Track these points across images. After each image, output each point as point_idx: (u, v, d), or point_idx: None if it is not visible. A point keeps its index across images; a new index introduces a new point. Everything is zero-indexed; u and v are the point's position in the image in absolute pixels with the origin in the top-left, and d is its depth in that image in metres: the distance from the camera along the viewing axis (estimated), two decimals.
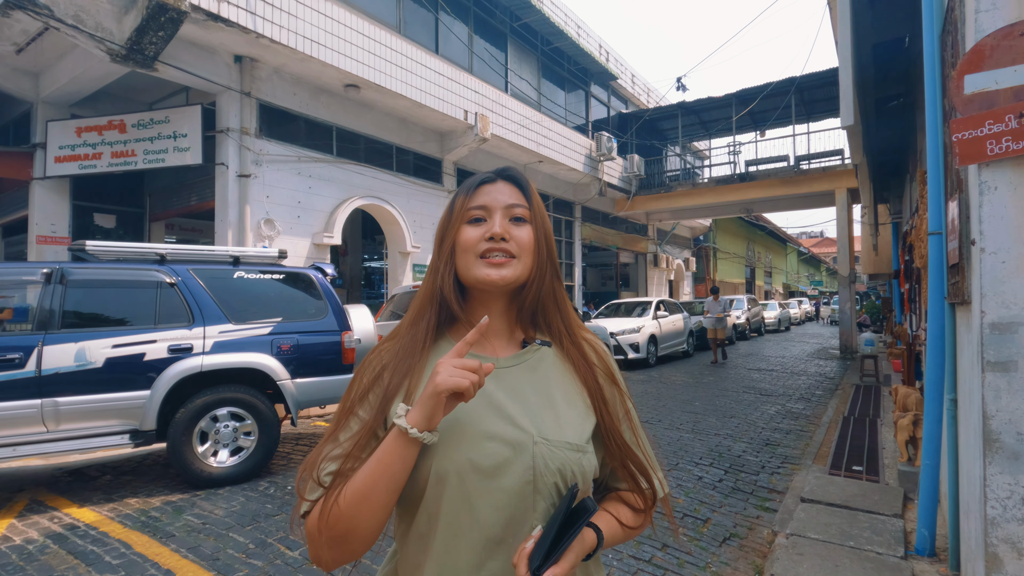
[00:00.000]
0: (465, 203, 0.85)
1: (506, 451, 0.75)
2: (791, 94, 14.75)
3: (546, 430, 0.78)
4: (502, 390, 0.81)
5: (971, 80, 2.09)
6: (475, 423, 0.77)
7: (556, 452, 0.77)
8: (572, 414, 0.82)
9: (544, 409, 0.81)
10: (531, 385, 0.83)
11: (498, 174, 0.89)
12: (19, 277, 3.99)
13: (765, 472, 4.46)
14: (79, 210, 8.83)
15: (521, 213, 0.85)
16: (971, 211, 2.18)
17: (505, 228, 0.82)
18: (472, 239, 0.82)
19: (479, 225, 0.83)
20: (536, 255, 0.84)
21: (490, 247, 0.81)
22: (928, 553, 2.83)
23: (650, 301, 12.42)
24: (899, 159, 8.84)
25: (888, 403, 6.85)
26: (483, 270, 0.81)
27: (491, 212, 0.84)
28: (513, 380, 0.83)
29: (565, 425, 0.80)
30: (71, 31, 6.17)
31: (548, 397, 0.82)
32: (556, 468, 0.76)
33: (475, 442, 0.76)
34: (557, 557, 0.67)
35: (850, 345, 13.42)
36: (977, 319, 2.06)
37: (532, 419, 0.79)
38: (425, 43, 10.08)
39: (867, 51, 5.84)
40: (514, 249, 0.82)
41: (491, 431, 0.76)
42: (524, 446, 0.76)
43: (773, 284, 38.47)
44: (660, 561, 2.94)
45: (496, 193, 0.85)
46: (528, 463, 0.75)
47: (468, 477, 0.74)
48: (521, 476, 0.75)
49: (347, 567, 0.81)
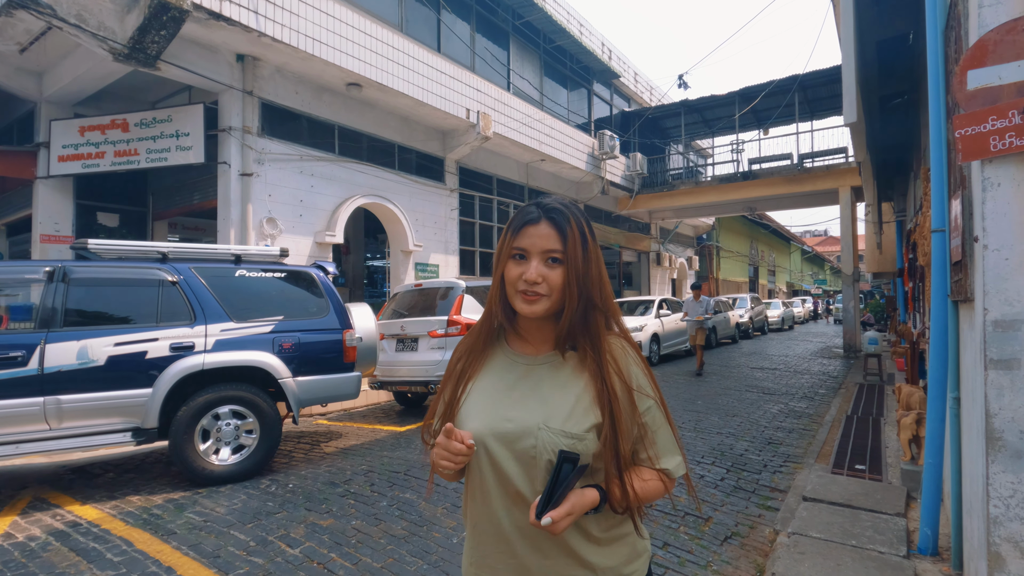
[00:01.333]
0: (511, 241, 1.03)
1: (516, 429, 0.99)
2: (794, 92, 14.69)
3: (551, 419, 0.99)
4: (528, 381, 1.06)
5: (974, 75, 2.08)
6: (498, 406, 1.04)
7: (554, 438, 0.97)
8: (578, 410, 1.00)
9: (556, 402, 1.02)
10: (552, 381, 1.05)
11: (543, 212, 1.03)
12: (22, 276, 4.01)
13: (767, 471, 4.45)
14: (83, 209, 8.85)
15: (557, 256, 1.01)
16: (974, 208, 2.16)
17: (539, 273, 1.00)
18: (513, 277, 1.02)
19: (520, 263, 1.02)
20: (565, 291, 1.01)
21: (525, 288, 1.00)
22: (931, 552, 2.81)
23: (652, 300, 12.39)
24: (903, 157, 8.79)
25: (891, 402, 6.81)
26: (520, 305, 1.02)
27: (529, 256, 1.01)
28: (539, 375, 1.06)
29: (569, 417, 1.00)
30: (74, 30, 6.18)
31: (563, 393, 1.03)
32: (552, 449, 0.97)
33: (497, 421, 1.01)
34: (556, 503, 0.90)
35: (854, 344, 13.37)
36: (980, 317, 2.05)
37: (543, 408, 1.01)
38: (427, 41, 10.07)
39: (871, 48, 5.81)
40: (544, 290, 1.00)
41: (508, 415, 1.02)
42: (530, 428, 0.99)
43: (777, 283, 38.36)
44: (661, 559, 2.93)
45: (536, 237, 1.01)
46: (532, 442, 0.98)
47: (492, 445, 1.00)
48: (528, 450, 0.98)
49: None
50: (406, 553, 3.01)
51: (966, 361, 2.49)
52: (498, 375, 1.09)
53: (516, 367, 1.09)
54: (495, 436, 1.00)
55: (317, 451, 5.20)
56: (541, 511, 0.89)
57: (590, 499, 0.96)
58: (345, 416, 7.04)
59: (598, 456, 0.99)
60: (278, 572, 2.82)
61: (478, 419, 1.03)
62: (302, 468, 4.63)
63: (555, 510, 0.89)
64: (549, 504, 0.90)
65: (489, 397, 1.05)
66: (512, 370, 1.08)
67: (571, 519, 0.91)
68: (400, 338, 6.83)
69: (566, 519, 0.90)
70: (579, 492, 0.95)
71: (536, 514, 0.89)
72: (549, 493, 0.90)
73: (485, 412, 1.03)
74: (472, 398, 1.06)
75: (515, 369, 1.08)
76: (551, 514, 0.89)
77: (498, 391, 1.06)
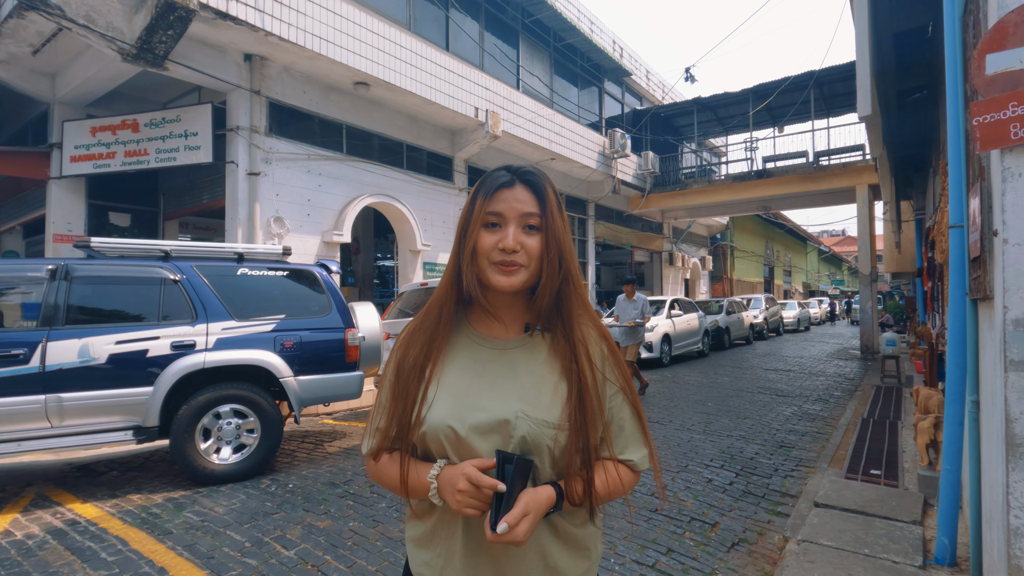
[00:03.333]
0: (484, 206, 0.93)
1: (490, 419, 0.91)
2: (810, 88, 14.42)
3: (528, 407, 0.92)
4: (502, 367, 0.96)
5: (993, 59, 1.96)
6: (467, 394, 0.93)
7: (533, 427, 0.90)
8: (558, 398, 0.93)
9: (532, 388, 0.94)
10: (527, 366, 0.96)
11: (516, 175, 0.95)
12: (24, 273, 4.02)
13: (778, 475, 4.32)
14: (95, 209, 8.95)
15: (534, 222, 0.93)
16: (993, 200, 2.04)
17: (517, 240, 0.91)
18: (487, 246, 0.92)
19: (494, 231, 0.93)
20: (543, 261, 0.93)
21: (503, 258, 0.91)
22: (948, 563, 2.68)
23: (664, 300, 12.24)
24: (923, 153, 8.56)
25: (909, 405, 6.62)
26: (496, 277, 0.92)
27: (506, 221, 0.92)
28: (512, 359, 0.97)
29: (546, 404, 0.92)
30: (83, 31, 6.23)
31: (539, 378, 0.95)
32: (524, 435, 0.90)
33: (466, 411, 0.92)
34: (508, 507, 0.82)
35: (871, 345, 13.08)
36: (1000, 315, 1.93)
37: (519, 396, 0.93)
38: (435, 40, 10.04)
39: (888, 40, 5.63)
40: (523, 260, 0.92)
41: (479, 403, 0.92)
42: (505, 417, 0.91)
43: (793, 283, 37.81)
44: (664, 566, 2.83)
45: (512, 201, 0.93)
46: (508, 431, 0.90)
47: (469, 435, 0.91)
48: (503, 439, 0.90)
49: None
50: (401, 556, 2.95)
51: (985, 362, 2.37)
52: (463, 362, 0.98)
53: (482, 351, 0.99)
54: (471, 428, 0.91)
55: (320, 451, 5.17)
56: (495, 521, 0.82)
57: (545, 497, 0.88)
58: (351, 416, 7.01)
59: (564, 451, 0.92)
60: (271, 574, 2.77)
61: (443, 408, 0.92)
62: (303, 468, 4.59)
63: (508, 514, 0.82)
64: (500, 511, 0.82)
65: (459, 389, 0.95)
66: (478, 354, 0.99)
67: (530, 521, 0.83)
68: None
69: (524, 521, 0.82)
70: (532, 491, 0.87)
71: (491, 526, 0.82)
72: (498, 500, 0.83)
73: (451, 401, 0.93)
74: (440, 396, 0.94)
75: (481, 353, 0.99)
76: (505, 519, 0.81)
77: (465, 378, 0.95)
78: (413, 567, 1.01)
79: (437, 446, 0.93)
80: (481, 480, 0.84)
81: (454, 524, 0.95)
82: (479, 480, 0.84)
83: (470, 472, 0.85)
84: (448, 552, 0.96)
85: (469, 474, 0.85)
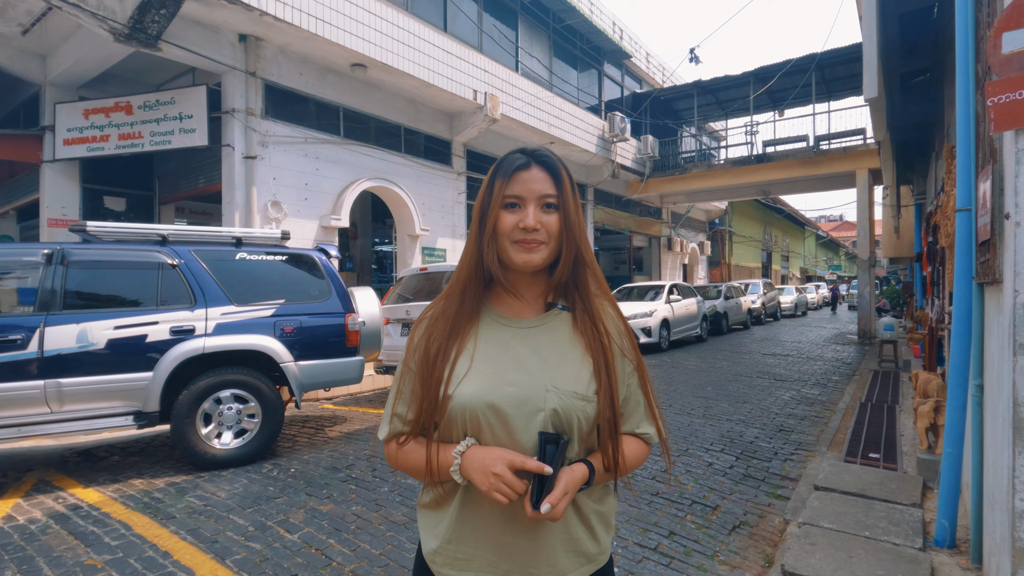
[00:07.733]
0: (502, 188, 0.96)
1: (520, 393, 0.92)
2: (811, 71, 14.27)
3: (557, 380, 0.94)
4: (526, 346, 0.98)
5: (1010, 38, 1.92)
6: (501, 372, 0.95)
7: (564, 399, 0.93)
8: (584, 372, 0.96)
9: (558, 363, 0.96)
10: (550, 342, 0.99)
11: (532, 157, 0.98)
12: (20, 258, 3.97)
13: (778, 459, 4.34)
14: (89, 193, 8.84)
15: (551, 201, 0.96)
16: (1005, 182, 2.01)
17: (537, 219, 0.94)
18: (508, 226, 0.95)
19: (514, 212, 0.95)
20: (561, 237, 0.96)
21: (524, 237, 0.94)
22: (948, 545, 2.70)
23: (663, 285, 12.23)
24: (924, 137, 8.50)
25: (907, 389, 6.65)
26: (518, 255, 0.95)
27: (525, 202, 0.95)
28: (535, 338, 0.99)
29: (575, 377, 0.95)
30: (73, 10, 6.09)
31: (563, 354, 0.98)
32: (555, 408, 0.92)
33: (496, 385, 0.93)
34: (549, 487, 0.85)
35: (868, 330, 13.13)
36: (1009, 299, 1.91)
37: (546, 370, 0.95)
38: (433, 21, 9.87)
39: (893, 21, 5.54)
40: (543, 237, 0.95)
41: (508, 378, 0.94)
42: (536, 392, 0.93)
43: (790, 268, 37.84)
44: (666, 549, 2.85)
45: (531, 182, 0.95)
46: (539, 404, 0.92)
47: (502, 409, 0.92)
48: (535, 413, 0.92)
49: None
50: (405, 540, 2.96)
51: (992, 347, 2.36)
52: (487, 341, 0.99)
53: (505, 330, 1.01)
54: (505, 400, 0.92)
55: (321, 436, 5.17)
56: (537, 500, 0.84)
57: (580, 475, 0.92)
58: (351, 400, 7.02)
59: (592, 424, 0.95)
60: (275, 557, 2.78)
61: (473, 385, 0.94)
62: (305, 452, 4.60)
63: (551, 494, 0.85)
64: (543, 490, 0.85)
65: (484, 364, 0.96)
66: (501, 333, 1.00)
67: (568, 499, 0.87)
68: (406, 323, 6.77)
69: (563, 500, 0.86)
70: (568, 470, 0.90)
71: (532, 504, 0.84)
72: (540, 479, 0.85)
73: (481, 378, 0.95)
74: (470, 374, 0.95)
75: (504, 332, 1.00)
76: (548, 499, 0.84)
77: (492, 356, 0.97)
78: (427, 552, 1.01)
79: (465, 424, 0.94)
80: (526, 464, 0.86)
81: (479, 504, 0.96)
82: (523, 463, 0.86)
83: (512, 457, 0.87)
84: (473, 534, 0.97)
85: (511, 459, 0.87)
